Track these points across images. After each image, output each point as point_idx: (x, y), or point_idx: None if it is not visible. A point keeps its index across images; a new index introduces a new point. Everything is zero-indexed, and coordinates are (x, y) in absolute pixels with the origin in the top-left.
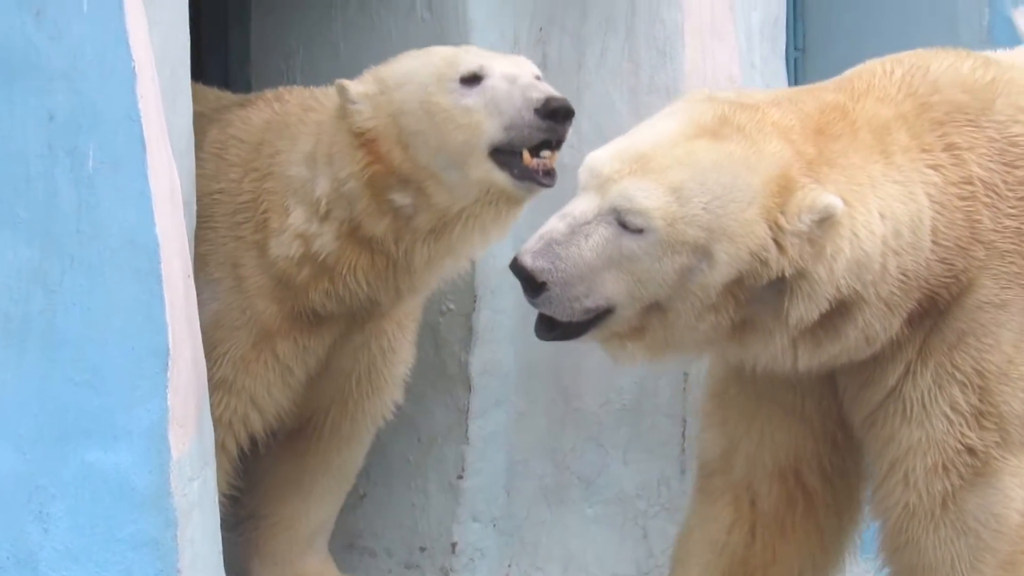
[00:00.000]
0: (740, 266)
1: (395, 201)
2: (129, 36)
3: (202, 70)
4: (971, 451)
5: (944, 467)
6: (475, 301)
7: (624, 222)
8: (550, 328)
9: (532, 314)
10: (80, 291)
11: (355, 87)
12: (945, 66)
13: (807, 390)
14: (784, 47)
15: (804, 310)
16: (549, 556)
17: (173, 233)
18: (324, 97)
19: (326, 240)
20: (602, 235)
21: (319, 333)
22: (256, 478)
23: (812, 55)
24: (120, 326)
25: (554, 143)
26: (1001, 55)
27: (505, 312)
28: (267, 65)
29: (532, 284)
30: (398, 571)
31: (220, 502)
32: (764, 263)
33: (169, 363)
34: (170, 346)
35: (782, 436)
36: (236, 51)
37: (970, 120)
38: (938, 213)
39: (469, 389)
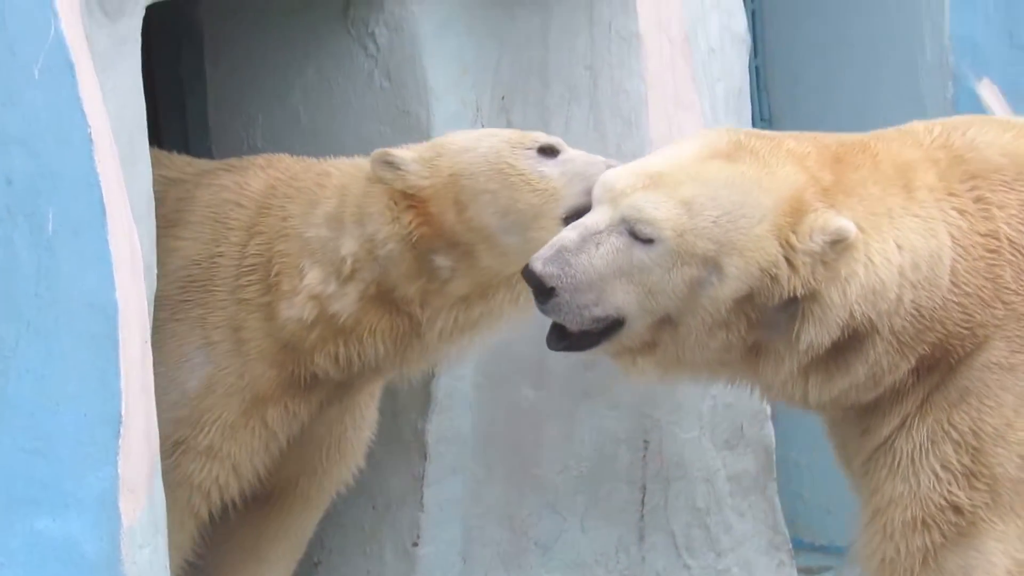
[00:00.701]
0: (750, 281)
1: (436, 263)
2: (83, 103)
3: (160, 136)
4: (956, 509)
5: (924, 522)
6: (434, 368)
7: (635, 232)
8: (561, 338)
9: (491, 383)
10: (35, 357)
11: (402, 153)
12: (986, 131)
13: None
14: (750, 115)
15: (815, 334)
16: None
17: (133, 298)
18: (341, 164)
19: (347, 302)
20: (613, 244)
21: (308, 399)
22: (211, 544)
23: (778, 125)
24: (73, 392)
25: None
26: None
27: (464, 379)
28: (227, 131)
29: (542, 290)
30: None
31: (183, 569)
32: (775, 279)
33: (121, 430)
34: (123, 413)
35: None
36: (194, 117)
37: (1004, 181)
38: (960, 256)
39: (425, 456)
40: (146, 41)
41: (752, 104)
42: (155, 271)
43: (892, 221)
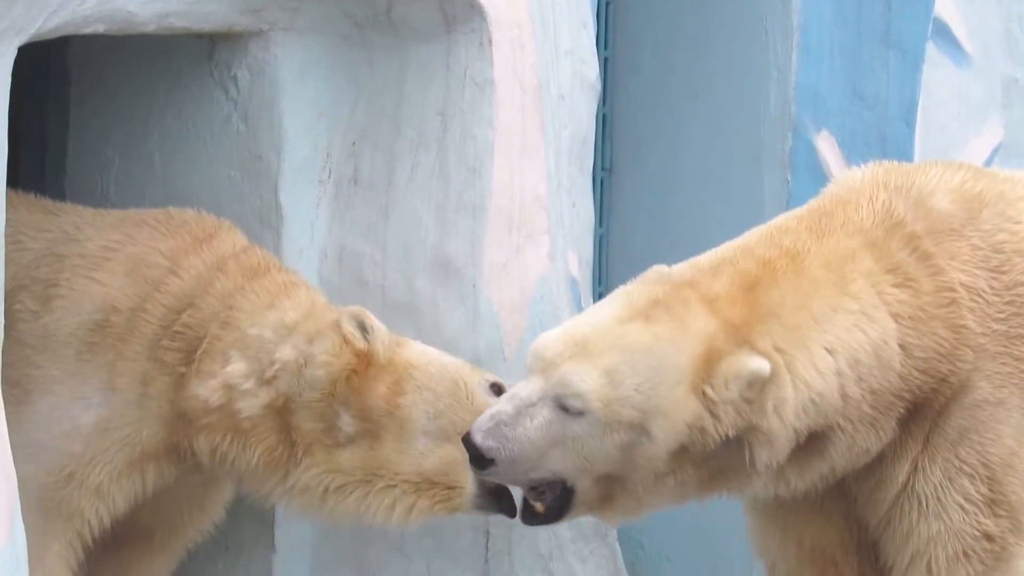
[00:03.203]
0: (680, 438)
1: (340, 419)
2: None
3: (17, 174)
4: (989, 537)
5: (965, 554)
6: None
7: (565, 405)
8: (534, 515)
9: None
10: None
11: (379, 325)
12: (933, 178)
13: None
14: (591, 167)
15: (768, 456)
16: None
17: None
18: (311, 286)
19: (254, 403)
20: (545, 417)
21: (181, 468)
22: None
23: (619, 175)
24: None
25: None
26: (1000, 170)
27: None
28: (83, 173)
29: (481, 461)
30: None
31: None
32: (703, 431)
33: None
34: None
35: (816, 532)
36: (53, 158)
37: (952, 229)
38: (909, 328)
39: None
40: (16, 76)
41: (595, 154)
42: (3, 322)
43: (819, 327)
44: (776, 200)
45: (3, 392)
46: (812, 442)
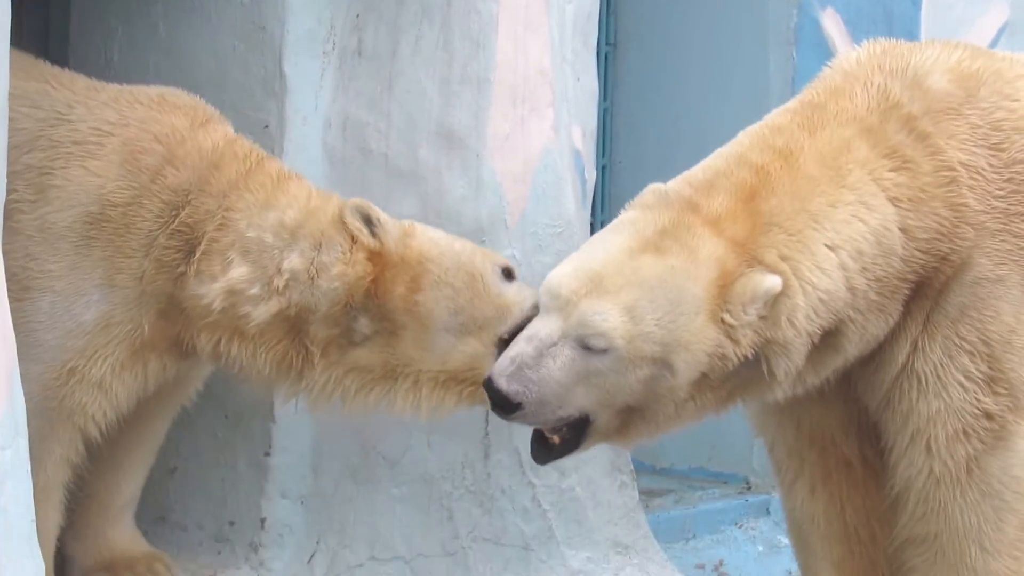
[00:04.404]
0: (700, 368)
1: (357, 322)
2: None
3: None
4: (988, 415)
5: (965, 432)
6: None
7: (587, 345)
8: (546, 452)
9: None
10: None
11: (384, 215)
12: (930, 57)
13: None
14: (596, 42)
15: (787, 365)
16: (356, 534)
17: None
18: (305, 180)
19: (263, 310)
20: (567, 356)
21: (184, 362)
22: None
23: (623, 50)
24: None
25: None
26: (997, 51)
27: None
28: (86, 41)
29: (508, 406)
30: (208, 544)
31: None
32: (723, 358)
33: None
34: None
35: (816, 415)
36: (56, 26)
37: (951, 108)
38: (909, 210)
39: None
40: None
41: (599, 28)
42: (4, 181)
43: (818, 226)
44: (781, 77)
45: None
46: (826, 340)
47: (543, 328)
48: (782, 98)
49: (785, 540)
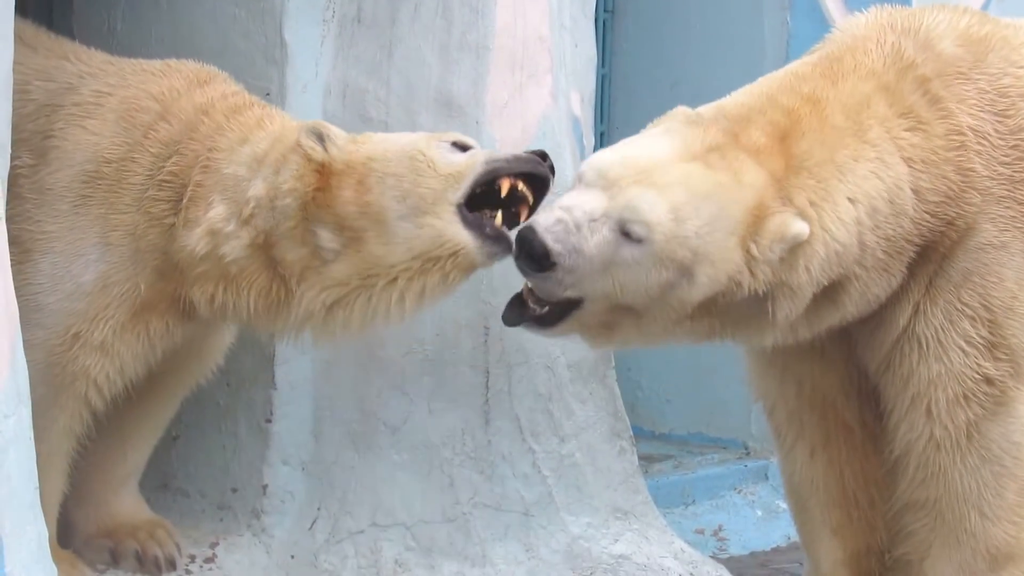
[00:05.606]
0: (717, 287)
1: (319, 238)
2: None
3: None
4: (989, 381)
5: (965, 397)
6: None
7: (627, 231)
8: (520, 316)
9: None
10: None
11: (338, 132)
12: (941, 21)
13: (827, 339)
14: (594, 8)
15: (789, 309)
16: (358, 500)
17: None
18: (286, 115)
19: (237, 245)
20: (604, 236)
21: (185, 324)
22: None
23: (621, 17)
24: None
25: (531, 199)
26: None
27: None
28: (89, 10)
29: (544, 262)
30: (211, 511)
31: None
32: (738, 285)
33: None
34: None
35: (816, 377)
36: (60, 2)
37: (960, 72)
38: (922, 172)
39: (273, 335)
40: None
41: None
42: (8, 150)
43: (842, 178)
44: (776, 42)
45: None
46: (827, 292)
47: (586, 202)
48: (776, 64)
49: (784, 505)
